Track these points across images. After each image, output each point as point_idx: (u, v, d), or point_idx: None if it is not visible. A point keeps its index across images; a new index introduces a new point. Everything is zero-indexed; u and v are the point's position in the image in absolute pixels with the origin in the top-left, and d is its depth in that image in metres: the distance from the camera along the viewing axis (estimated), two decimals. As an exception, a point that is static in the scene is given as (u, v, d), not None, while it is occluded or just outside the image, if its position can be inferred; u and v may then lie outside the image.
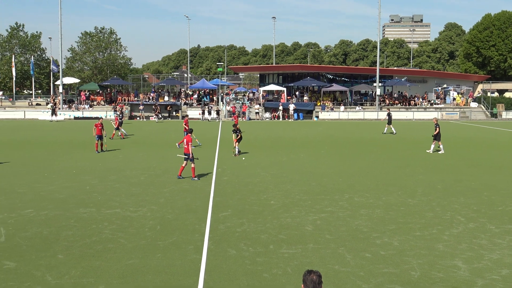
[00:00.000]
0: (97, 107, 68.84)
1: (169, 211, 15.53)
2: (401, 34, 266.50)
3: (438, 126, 30.50)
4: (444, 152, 29.76)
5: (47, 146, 33.45)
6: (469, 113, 69.28)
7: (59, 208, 15.76)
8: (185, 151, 21.01)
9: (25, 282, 9.87)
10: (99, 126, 29.63)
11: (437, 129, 30.27)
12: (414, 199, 17.30)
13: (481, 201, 17.04)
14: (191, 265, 10.82)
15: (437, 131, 30.20)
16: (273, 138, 39.91)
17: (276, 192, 18.32)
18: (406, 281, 9.99)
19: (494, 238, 12.82)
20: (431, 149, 30.22)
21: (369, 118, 66.71)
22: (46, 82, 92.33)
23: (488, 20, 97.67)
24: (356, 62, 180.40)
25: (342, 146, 34.17)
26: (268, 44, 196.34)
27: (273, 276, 10.23)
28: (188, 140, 21.16)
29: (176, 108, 67.62)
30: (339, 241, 12.49)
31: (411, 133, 44.90)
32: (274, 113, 66.77)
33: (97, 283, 9.85)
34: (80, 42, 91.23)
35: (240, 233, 13.21)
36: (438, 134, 30.19)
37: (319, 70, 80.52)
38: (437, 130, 30.23)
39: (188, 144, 21.00)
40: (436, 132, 30.19)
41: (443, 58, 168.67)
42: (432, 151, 30.03)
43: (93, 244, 12.22)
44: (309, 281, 6.04)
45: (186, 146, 20.99)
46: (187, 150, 20.94)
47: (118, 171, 22.84)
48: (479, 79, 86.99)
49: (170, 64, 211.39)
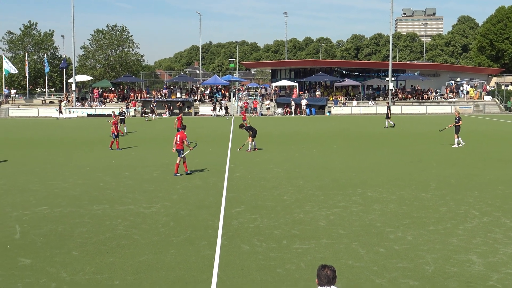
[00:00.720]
0: (109, 104, 69.13)
1: (182, 207, 15.57)
2: (413, 28, 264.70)
3: (460, 119, 30.36)
4: (457, 147, 29.59)
5: (60, 143, 33.69)
6: (482, 107, 68.78)
7: (73, 205, 15.86)
8: (178, 147, 21.13)
9: (41, 278, 9.94)
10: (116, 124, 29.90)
11: (461, 122, 30.13)
12: (428, 194, 17.21)
13: (496, 195, 16.92)
14: (204, 261, 10.85)
15: (460, 123, 30.03)
16: (286, 133, 39.89)
17: (289, 188, 18.31)
18: (420, 275, 9.95)
19: (509, 232, 12.73)
20: (456, 144, 30.02)
21: (382, 112, 66.20)
22: (59, 80, 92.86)
23: (502, 12, 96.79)
24: (369, 56, 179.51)
25: (354, 141, 34.08)
26: (280, 40, 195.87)
27: (286, 271, 10.23)
28: (182, 136, 21.26)
29: (189, 104, 67.72)
30: (353, 236, 12.46)
31: (424, 128, 44.64)
32: (287, 108, 66.68)
33: (112, 279, 9.90)
34: (92, 39, 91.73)
35: (253, 228, 13.22)
36: (458, 127, 30.01)
37: (331, 65, 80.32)
38: (460, 123, 30.09)
39: (182, 140, 21.15)
40: (458, 125, 30.00)
41: (456, 51, 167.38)
42: (458, 145, 29.84)
43: (107, 240, 12.28)
44: (323, 276, 6.05)
45: (179, 142, 21.12)
46: (180, 146, 21.08)
47: (131, 168, 22.94)
48: (493, 72, 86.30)
49: (182, 61, 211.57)
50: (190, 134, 38.74)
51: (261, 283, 9.68)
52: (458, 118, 30.34)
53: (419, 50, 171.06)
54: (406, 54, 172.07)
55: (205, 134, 39.81)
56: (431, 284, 9.53)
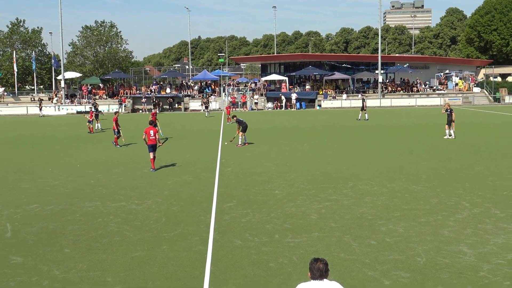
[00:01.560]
0: (99, 101, 68.81)
1: (174, 203, 15.57)
2: (402, 20, 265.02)
3: (452, 111, 30.50)
4: (448, 138, 29.77)
5: (49, 141, 33.54)
6: (472, 98, 69.08)
7: (64, 203, 15.81)
8: (151, 142, 21.33)
9: (33, 276, 9.92)
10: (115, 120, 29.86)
11: (453, 114, 30.26)
12: (419, 186, 17.29)
13: (486, 187, 17.03)
14: (197, 256, 10.86)
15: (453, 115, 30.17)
16: (276, 128, 39.90)
17: (280, 182, 18.34)
18: (412, 267, 10.01)
19: (499, 223, 12.83)
20: (447, 135, 30.25)
21: (372, 105, 66.53)
22: (47, 77, 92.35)
23: (490, 4, 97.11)
24: (358, 49, 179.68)
25: (345, 134, 34.15)
26: (269, 34, 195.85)
27: (279, 265, 10.27)
28: (155, 131, 21.62)
29: (179, 100, 67.58)
30: (344, 229, 12.51)
31: (414, 120, 44.82)
32: (277, 102, 66.69)
33: (104, 276, 9.90)
34: (80, 36, 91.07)
35: (245, 223, 13.24)
36: (450, 119, 30.15)
37: (320, 59, 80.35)
38: (453, 115, 30.22)
39: (155, 134, 21.48)
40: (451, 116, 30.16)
41: (445, 43, 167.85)
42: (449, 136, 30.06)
43: (99, 237, 12.27)
44: (316, 269, 6.07)
45: (154, 137, 21.36)
46: (153, 141, 21.32)
47: (122, 164, 22.89)
48: (482, 64, 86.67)
49: (171, 56, 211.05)
50: (181, 130, 38.76)
51: (254, 277, 9.71)
52: (450, 110, 30.44)
53: (408, 43, 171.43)
54: (395, 47, 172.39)
55: (195, 129, 39.75)
56: (423, 276, 9.60)
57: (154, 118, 31.53)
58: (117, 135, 29.65)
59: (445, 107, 31.21)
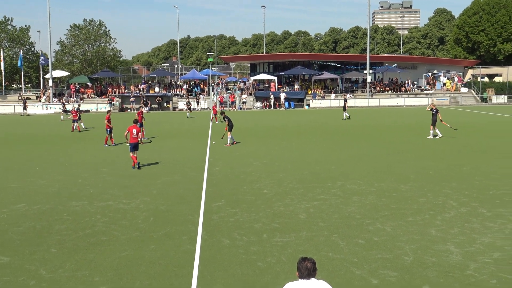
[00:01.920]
0: (87, 100, 68.53)
1: (162, 202, 15.52)
2: (391, 20, 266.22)
3: (438, 111, 30.72)
4: (432, 138, 29.95)
5: (36, 140, 33.34)
6: (459, 98, 69.47)
7: (51, 202, 15.72)
8: (133, 141, 21.55)
9: (19, 276, 9.85)
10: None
11: (439, 114, 30.49)
12: (406, 185, 17.36)
13: (473, 186, 17.14)
14: (185, 255, 10.84)
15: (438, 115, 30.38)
16: (265, 127, 39.91)
17: (268, 181, 18.34)
18: (400, 266, 10.05)
19: (486, 222, 12.91)
20: (431, 135, 30.44)
21: (360, 105, 66.77)
22: (35, 76, 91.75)
23: (477, 5, 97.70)
24: (347, 49, 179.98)
25: (333, 134, 34.23)
26: (258, 34, 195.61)
27: (267, 264, 10.27)
28: (138, 130, 21.82)
29: (167, 99, 67.40)
30: (332, 228, 12.54)
31: (402, 120, 45.02)
32: (265, 102, 66.71)
33: (92, 275, 9.85)
34: (69, 35, 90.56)
35: (233, 222, 13.23)
36: (434, 119, 30.31)
37: (309, 59, 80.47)
38: (439, 115, 30.45)
39: (138, 134, 21.76)
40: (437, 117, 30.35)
41: (433, 44, 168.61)
42: (434, 136, 30.27)
43: (87, 237, 12.20)
44: (304, 269, 6.07)
45: (136, 136, 21.57)
46: (135, 139, 21.55)
47: (110, 164, 22.79)
48: (469, 64, 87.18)
49: (160, 55, 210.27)
50: (169, 129, 38.68)
51: (242, 276, 9.71)
52: (435, 110, 30.61)
53: (397, 43, 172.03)
54: (384, 47, 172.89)
55: (184, 129, 39.68)
56: (410, 274, 9.64)
57: (140, 118, 31.47)
58: (109, 134, 29.53)
59: (430, 106, 31.42)
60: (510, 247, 11.05)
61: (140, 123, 31.73)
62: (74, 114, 38.71)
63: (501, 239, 11.59)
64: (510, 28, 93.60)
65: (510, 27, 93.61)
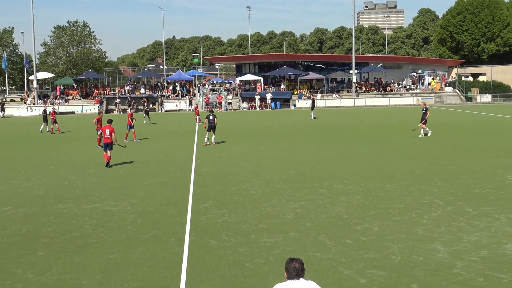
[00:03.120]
0: (72, 101, 68.15)
1: (149, 204, 15.47)
2: (375, 20, 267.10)
3: (428, 110, 31.16)
4: (423, 136, 30.26)
5: (21, 142, 33.08)
6: (444, 98, 69.96)
7: (37, 205, 15.60)
8: (106, 141, 22.07)
9: (6, 280, 9.77)
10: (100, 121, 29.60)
11: (428, 113, 30.85)
12: (393, 184, 17.45)
13: (459, 185, 17.26)
14: (173, 257, 10.81)
15: (428, 115, 30.72)
16: (251, 128, 39.92)
17: (256, 182, 18.35)
18: (387, 265, 10.10)
19: (472, 221, 13.01)
20: (423, 133, 30.85)
21: (346, 105, 67.00)
22: (19, 77, 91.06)
23: (461, 5, 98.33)
24: (332, 49, 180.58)
25: (320, 134, 34.32)
26: (243, 34, 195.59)
27: (255, 265, 10.27)
28: (111, 130, 22.13)
29: (153, 100, 67.20)
30: (320, 229, 12.57)
31: (387, 119, 45.24)
32: (252, 102, 66.75)
33: (79, 278, 9.79)
34: (53, 36, 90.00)
35: (221, 223, 13.22)
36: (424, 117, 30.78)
37: (295, 59, 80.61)
38: (428, 113, 30.81)
39: (111, 134, 22.05)
40: (428, 116, 30.77)
41: (418, 43, 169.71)
42: (424, 135, 30.70)
43: (74, 239, 12.13)
44: (292, 269, 6.08)
45: (109, 136, 22.00)
46: (108, 139, 21.99)
47: (96, 165, 22.67)
48: (454, 64, 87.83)
49: (145, 57, 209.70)
50: (156, 130, 38.57)
51: (230, 278, 9.70)
52: (425, 109, 30.99)
53: (381, 43, 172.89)
54: (369, 47, 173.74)
55: (170, 130, 39.59)
56: (398, 274, 9.69)
57: (130, 121, 31.48)
58: (100, 136, 29.45)
59: (422, 106, 31.94)
60: (496, 245, 11.15)
61: (130, 125, 31.73)
62: (52, 115, 38.84)
63: (487, 237, 11.68)
64: (493, 28, 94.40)
65: (494, 27, 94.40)
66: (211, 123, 28.47)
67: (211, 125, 28.48)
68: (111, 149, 22.12)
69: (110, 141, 21.89)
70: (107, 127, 22.13)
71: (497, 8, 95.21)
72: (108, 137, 21.83)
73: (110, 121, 23.22)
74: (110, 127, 22.20)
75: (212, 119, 28.49)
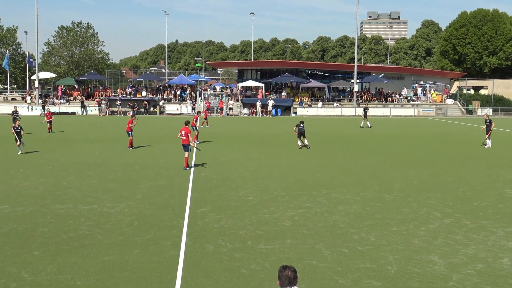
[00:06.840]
0: (74, 102, 68.15)
1: (147, 207, 15.45)
2: (378, 31, 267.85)
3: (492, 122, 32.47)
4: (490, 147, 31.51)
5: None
6: (445, 110, 69.96)
7: (35, 204, 15.59)
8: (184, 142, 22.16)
9: (1, 279, 9.75)
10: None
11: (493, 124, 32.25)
12: (391, 195, 17.44)
13: (457, 197, 17.25)
14: (169, 261, 10.79)
15: (493, 125, 32.11)
16: (252, 134, 39.92)
17: (254, 188, 18.33)
18: (383, 276, 10.07)
19: (469, 233, 12.99)
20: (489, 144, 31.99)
21: (347, 114, 67.01)
22: (21, 76, 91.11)
23: (464, 17, 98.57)
24: (334, 58, 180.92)
25: (319, 142, 34.29)
26: (246, 40, 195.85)
27: (251, 271, 10.25)
28: (187, 132, 22.20)
29: (154, 103, 67.21)
30: (317, 237, 12.55)
31: (388, 129, 45.24)
32: (253, 108, 66.78)
33: (74, 279, 9.77)
34: (56, 36, 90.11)
35: (218, 229, 13.20)
36: (488, 129, 32.11)
37: (297, 66, 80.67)
38: (493, 125, 32.20)
39: (187, 135, 22.07)
40: (492, 127, 32.07)
41: (420, 55, 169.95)
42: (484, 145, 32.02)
43: (70, 240, 12.11)
44: (284, 277, 6.06)
45: (185, 138, 21.96)
46: (185, 141, 22.02)
47: (95, 167, 22.66)
48: (456, 76, 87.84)
49: (148, 59, 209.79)
50: (156, 134, 38.56)
51: (226, 283, 9.68)
52: (489, 121, 32.42)
53: (384, 53, 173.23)
54: (371, 57, 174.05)
55: (170, 133, 39.55)
56: (394, 284, 9.66)
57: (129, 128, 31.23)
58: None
59: (485, 118, 33.33)
60: (492, 259, 11.13)
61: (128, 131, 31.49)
62: (48, 116, 39.12)
63: (484, 250, 11.66)
64: (496, 41, 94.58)
65: (496, 41, 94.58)
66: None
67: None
68: (189, 150, 22.11)
69: (187, 143, 21.79)
70: (184, 128, 22.01)
71: (500, 22, 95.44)
72: (185, 138, 21.75)
73: (187, 122, 23.28)
74: (186, 128, 22.11)
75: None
